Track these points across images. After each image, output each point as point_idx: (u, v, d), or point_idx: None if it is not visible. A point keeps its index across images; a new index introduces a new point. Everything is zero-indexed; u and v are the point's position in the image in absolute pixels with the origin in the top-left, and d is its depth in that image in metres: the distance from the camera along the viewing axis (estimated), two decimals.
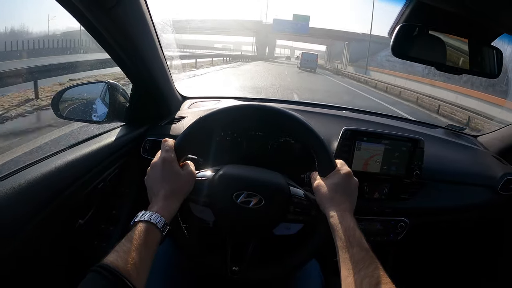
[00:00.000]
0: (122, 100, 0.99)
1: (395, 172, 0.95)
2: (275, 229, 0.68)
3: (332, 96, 9.88)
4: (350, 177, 0.65)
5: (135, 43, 0.81)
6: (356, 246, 0.53)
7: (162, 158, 0.62)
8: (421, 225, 1.06)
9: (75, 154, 0.76)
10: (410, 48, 0.73)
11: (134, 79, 0.93)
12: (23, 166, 0.66)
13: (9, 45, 8.68)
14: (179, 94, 1.22)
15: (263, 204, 0.64)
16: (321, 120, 1.12)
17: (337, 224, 0.57)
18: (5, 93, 4.41)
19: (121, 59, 0.83)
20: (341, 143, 0.92)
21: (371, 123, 1.20)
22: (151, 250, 0.53)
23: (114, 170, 0.89)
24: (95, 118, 0.96)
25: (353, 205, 0.64)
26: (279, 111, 0.68)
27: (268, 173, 0.70)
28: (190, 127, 0.66)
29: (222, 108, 0.68)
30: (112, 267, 0.45)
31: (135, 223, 0.55)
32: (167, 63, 0.99)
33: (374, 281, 0.48)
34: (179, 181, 0.62)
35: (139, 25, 0.79)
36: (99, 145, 0.84)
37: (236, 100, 1.30)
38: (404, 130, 1.17)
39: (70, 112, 0.98)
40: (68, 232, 0.76)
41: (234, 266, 0.66)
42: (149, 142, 0.97)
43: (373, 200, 0.99)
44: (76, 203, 0.75)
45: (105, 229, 0.91)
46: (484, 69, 0.80)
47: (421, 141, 0.95)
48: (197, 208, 0.68)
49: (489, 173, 1.10)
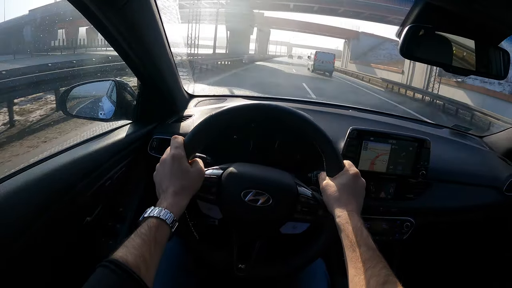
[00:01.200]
0: (129, 98, 1.00)
1: (402, 172, 0.95)
2: (281, 228, 0.68)
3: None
4: (358, 178, 0.65)
5: (144, 41, 0.81)
6: (363, 245, 0.54)
7: (172, 155, 0.62)
8: (426, 225, 1.06)
9: (82, 151, 0.76)
10: (418, 49, 0.73)
11: (142, 77, 0.93)
12: (31, 164, 0.67)
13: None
14: (186, 93, 1.22)
15: (270, 203, 0.65)
16: (327, 119, 1.12)
17: (344, 224, 0.58)
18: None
19: (129, 57, 0.83)
20: (348, 143, 0.92)
21: (377, 122, 1.20)
22: (160, 246, 0.53)
23: (121, 168, 0.89)
24: (102, 116, 0.97)
25: (360, 206, 0.64)
26: (287, 110, 0.69)
27: (276, 172, 0.70)
28: (200, 125, 0.67)
29: (232, 107, 0.68)
30: (121, 261, 0.45)
31: (144, 218, 0.55)
32: (174, 61, 1.00)
33: (381, 280, 0.48)
34: (188, 178, 0.62)
35: (148, 23, 0.80)
36: (106, 142, 0.85)
37: (243, 98, 1.30)
38: (411, 130, 1.17)
39: (77, 110, 0.99)
40: (76, 229, 0.77)
41: (240, 264, 0.66)
42: (156, 140, 0.97)
43: (379, 200, 0.99)
44: (83, 201, 0.75)
45: (112, 226, 0.91)
46: (491, 71, 0.80)
47: (428, 141, 0.95)
48: (205, 206, 0.69)
49: (494, 174, 1.11)
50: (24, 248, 0.59)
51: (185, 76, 1.25)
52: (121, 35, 0.74)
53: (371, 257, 0.52)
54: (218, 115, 0.67)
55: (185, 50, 8.00)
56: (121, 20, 0.69)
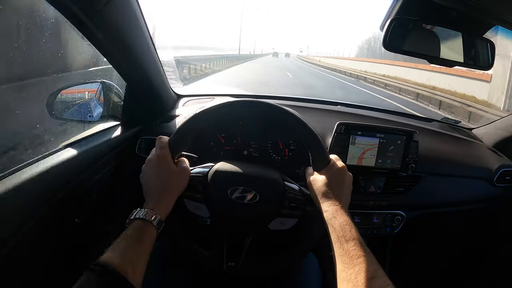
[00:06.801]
0: (116, 100, 0.99)
1: (390, 165, 0.95)
2: (270, 224, 0.68)
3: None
4: (345, 171, 0.65)
5: (128, 42, 0.80)
6: (351, 240, 0.53)
7: (157, 155, 0.63)
8: (418, 218, 1.06)
9: (70, 153, 0.76)
10: (402, 42, 0.73)
11: (128, 78, 0.92)
12: (19, 167, 0.66)
13: None
14: (174, 93, 1.21)
15: (258, 199, 0.65)
16: (315, 115, 1.12)
17: (331, 219, 0.57)
18: None
19: (114, 58, 0.83)
20: (336, 138, 0.92)
21: (365, 117, 1.20)
22: (147, 247, 0.53)
23: (110, 169, 0.89)
24: (90, 118, 0.97)
25: (348, 200, 0.64)
26: (271, 106, 0.68)
27: (263, 169, 0.70)
28: (184, 124, 0.66)
29: (215, 105, 0.68)
30: (108, 265, 0.46)
31: (130, 221, 0.55)
32: (160, 61, 0.99)
33: (369, 275, 0.48)
34: (173, 178, 0.62)
35: (132, 23, 0.79)
36: (95, 144, 0.84)
37: (230, 97, 1.29)
38: (399, 124, 1.17)
39: (64, 112, 0.98)
40: (66, 231, 0.76)
41: (230, 262, 0.66)
42: (144, 140, 0.97)
43: (369, 194, 0.99)
44: (72, 203, 0.75)
45: (102, 228, 0.91)
46: (478, 61, 0.80)
47: (415, 134, 0.95)
48: (192, 205, 0.68)
49: (484, 165, 1.11)
50: (12, 253, 0.59)
51: (172, 76, 1.24)
52: (104, 36, 0.73)
53: (359, 252, 0.52)
54: (201, 113, 0.67)
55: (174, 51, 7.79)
56: (102, 20, 0.69)
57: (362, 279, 0.47)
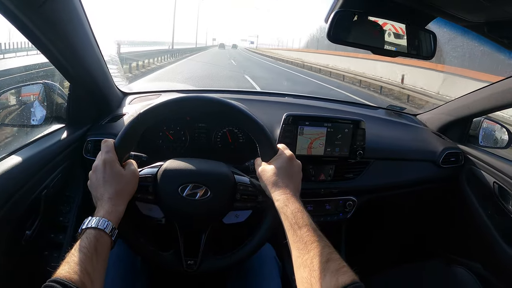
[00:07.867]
0: (60, 101, 0.95)
1: (339, 153, 0.98)
2: (224, 218, 0.69)
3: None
4: (292, 159, 0.67)
5: (69, 40, 0.77)
6: (304, 226, 0.55)
7: (103, 160, 0.61)
8: (369, 201, 1.11)
9: (13, 161, 0.71)
10: (347, 34, 0.74)
11: (71, 77, 0.88)
12: None
13: None
14: (119, 91, 1.18)
15: (209, 195, 0.65)
16: (263, 107, 1.14)
17: (283, 207, 0.58)
18: None
19: (56, 57, 0.79)
20: (284, 129, 0.94)
21: (313, 107, 1.23)
22: (102, 257, 0.52)
23: (57, 174, 0.85)
24: (34, 122, 0.91)
25: (298, 187, 0.65)
26: (218, 101, 0.69)
27: (211, 164, 0.70)
28: (128, 125, 0.65)
29: (159, 103, 0.67)
30: (66, 280, 0.44)
31: (82, 230, 0.53)
32: (104, 59, 0.95)
33: (323, 259, 0.49)
34: (122, 182, 0.60)
35: (72, 21, 0.76)
36: (39, 149, 0.80)
37: (177, 93, 1.27)
38: (346, 113, 1.21)
39: (5, 117, 0.91)
40: (16, 245, 0.72)
41: (189, 260, 0.66)
42: (91, 142, 0.93)
43: (320, 182, 1.02)
44: (20, 215, 0.71)
45: (55, 238, 0.87)
46: (421, 52, 0.83)
47: (362, 122, 0.99)
48: (145, 207, 0.68)
49: (430, 148, 1.18)
50: None
51: (117, 73, 1.18)
52: (44, 35, 0.70)
53: (313, 237, 0.53)
54: (145, 113, 0.66)
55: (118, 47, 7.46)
56: (41, 19, 0.65)
57: (318, 263, 0.49)
